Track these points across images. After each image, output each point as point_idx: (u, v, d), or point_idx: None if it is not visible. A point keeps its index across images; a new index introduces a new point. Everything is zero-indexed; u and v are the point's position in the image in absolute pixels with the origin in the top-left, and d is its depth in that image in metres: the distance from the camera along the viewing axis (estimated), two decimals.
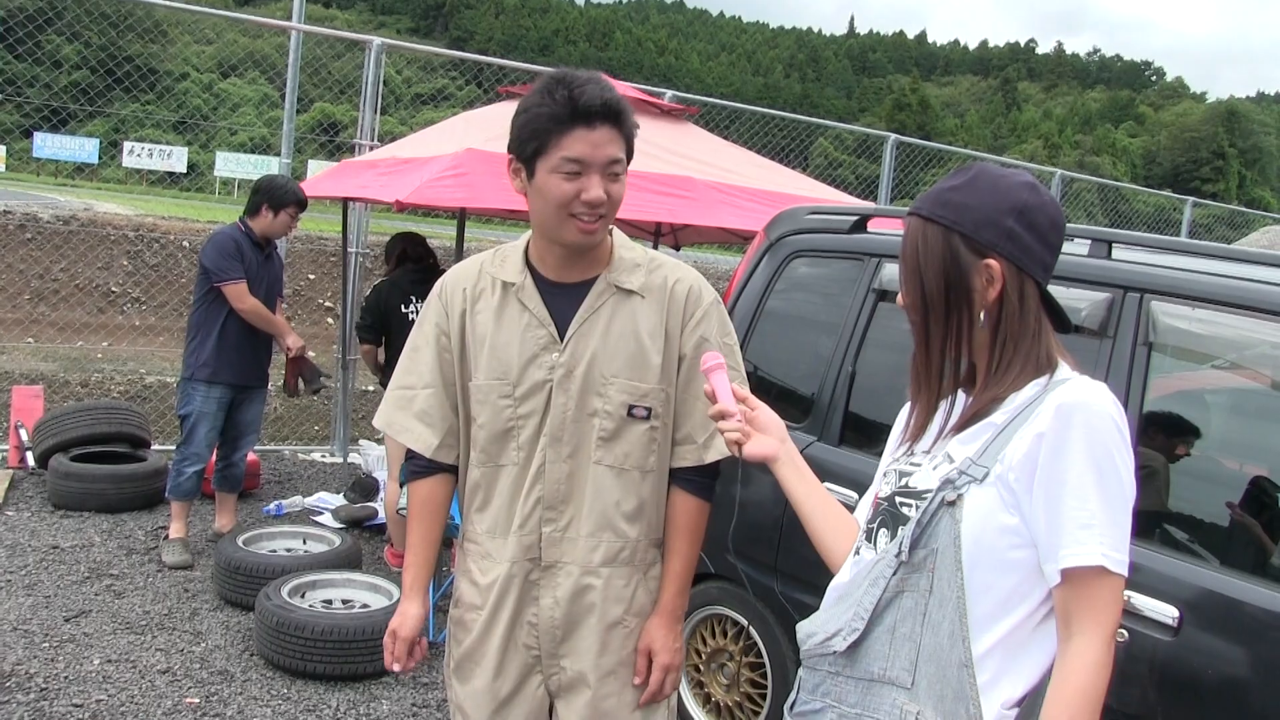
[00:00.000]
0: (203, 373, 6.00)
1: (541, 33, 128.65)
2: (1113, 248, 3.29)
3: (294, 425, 10.04)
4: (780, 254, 4.25)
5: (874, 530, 1.91)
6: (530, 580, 2.47)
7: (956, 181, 1.85)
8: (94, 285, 15.80)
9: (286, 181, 6.36)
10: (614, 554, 2.47)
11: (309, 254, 15.96)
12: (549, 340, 2.43)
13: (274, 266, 6.34)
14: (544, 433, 2.43)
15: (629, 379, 2.42)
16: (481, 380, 2.46)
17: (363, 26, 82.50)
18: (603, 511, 2.45)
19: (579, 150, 2.26)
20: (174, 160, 15.53)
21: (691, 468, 2.52)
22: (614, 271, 2.46)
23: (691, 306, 2.48)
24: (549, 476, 2.44)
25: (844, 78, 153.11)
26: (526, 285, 2.45)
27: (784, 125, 12.87)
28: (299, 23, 9.05)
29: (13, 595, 5.31)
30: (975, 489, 1.74)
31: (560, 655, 2.49)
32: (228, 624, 5.23)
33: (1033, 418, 1.73)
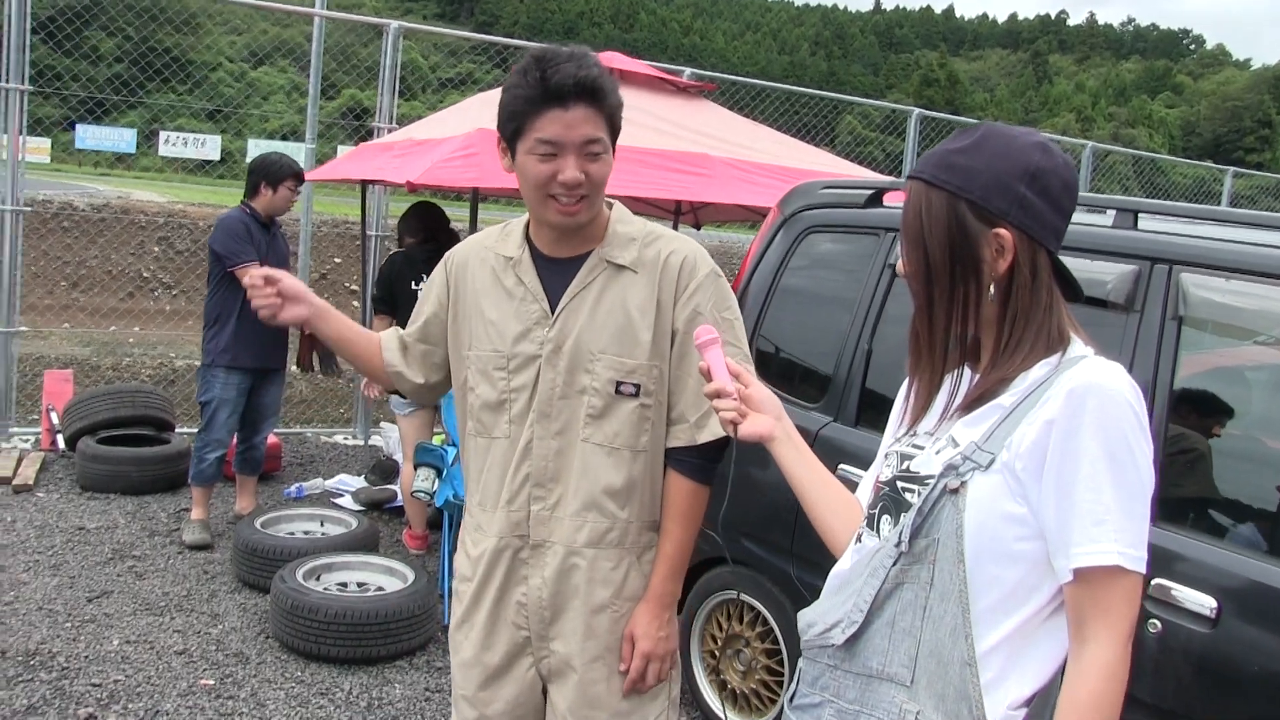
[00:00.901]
0: (222, 359, 6.01)
1: (566, 15, 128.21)
2: (1139, 217, 3.18)
3: (318, 407, 10.06)
4: (795, 230, 4.19)
5: (876, 516, 1.82)
6: (519, 558, 2.44)
7: (962, 143, 1.72)
8: (126, 271, 15.90)
9: (280, 157, 6.37)
10: (600, 534, 2.42)
11: (334, 237, 16.00)
12: (541, 315, 2.40)
13: (280, 246, 6.35)
14: (533, 408, 2.40)
15: (616, 355, 2.37)
16: (480, 351, 2.46)
17: (389, 13, 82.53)
18: (589, 490, 2.39)
19: (552, 131, 2.22)
20: (208, 148, 15.53)
21: (686, 448, 2.44)
22: (607, 246, 2.42)
23: (685, 279, 2.41)
24: (536, 453, 2.41)
25: (871, 54, 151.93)
26: (524, 260, 2.44)
27: (810, 103, 12.77)
28: (320, 8, 9.07)
29: (39, 575, 5.37)
30: (979, 476, 1.64)
31: (550, 638, 2.45)
32: (245, 606, 5.25)
33: (1042, 401, 1.62)
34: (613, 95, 2.30)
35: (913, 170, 1.77)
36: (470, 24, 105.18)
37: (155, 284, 16.00)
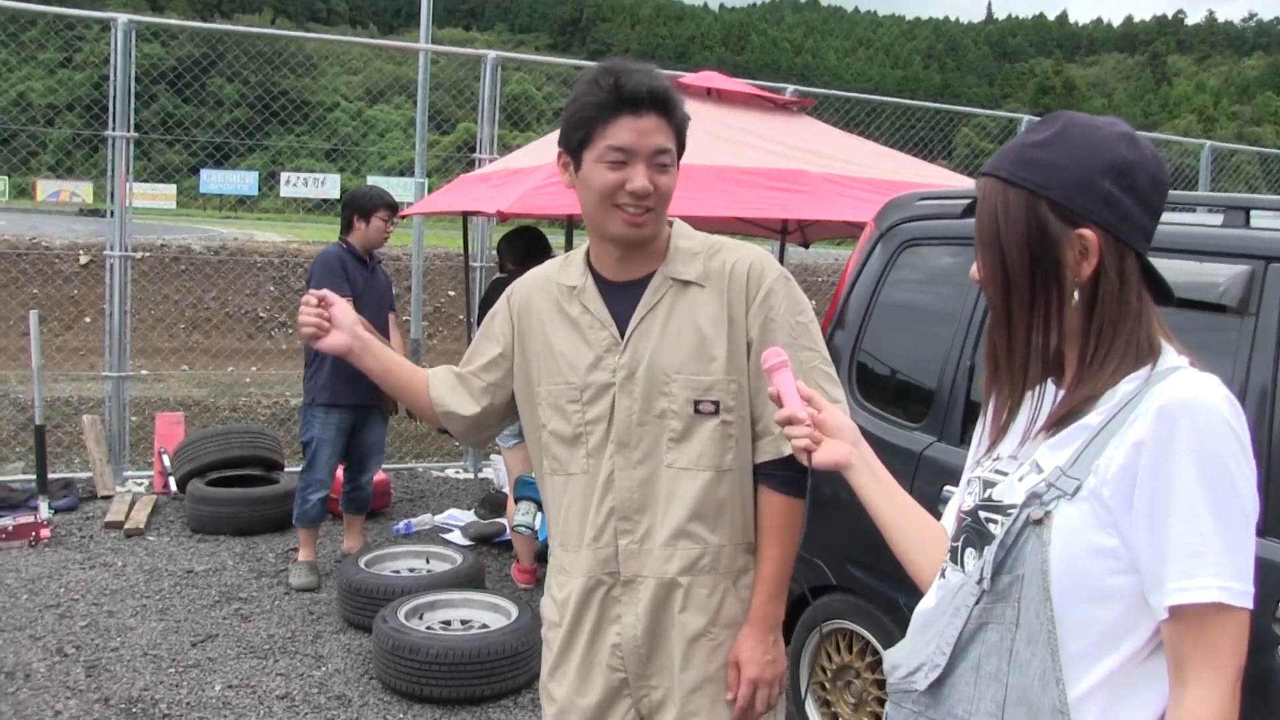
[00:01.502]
0: (321, 396, 6.00)
1: (677, 40, 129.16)
2: (1251, 214, 2.95)
3: (433, 441, 10.08)
4: (892, 243, 4.03)
5: (959, 549, 1.66)
6: (611, 596, 2.33)
7: (1041, 135, 1.56)
8: (243, 312, 16.25)
9: (371, 189, 6.37)
10: (692, 561, 2.30)
11: (448, 271, 16.14)
12: (611, 342, 2.31)
13: (380, 280, 6.32)
14: (610, 439, 2.31)
15: (693, 374, 2.27)
16: (551, 386, 2.38)
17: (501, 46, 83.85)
18: (677, 517, 2.29)
19: (624, 138, 2.17)
20: (327, 187, 15.98)
21: (774, 461, 2.31)
22: (670, 264, 2.33)
23: (754, 286, 2.31)
24: (619, 485, 2.30)
25: (985, 65, 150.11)
26: (587, 287, 2.36)
27: (924, 116, 12.56)
28: (425, 43, 9.17)
29: (146, 620, 5.38)
30: (1065, 505, 1.48)
31: (649, 675, 2.34)
32: (349, 647, 5.20)
33: (1131, 420, 1.45)
34: (681, 109, 2.25)
35: (986, 166, 1.61)
36: (582, 53, 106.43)
37: (272, 323, 16.33)
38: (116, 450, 7.90)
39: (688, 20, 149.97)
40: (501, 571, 6.35)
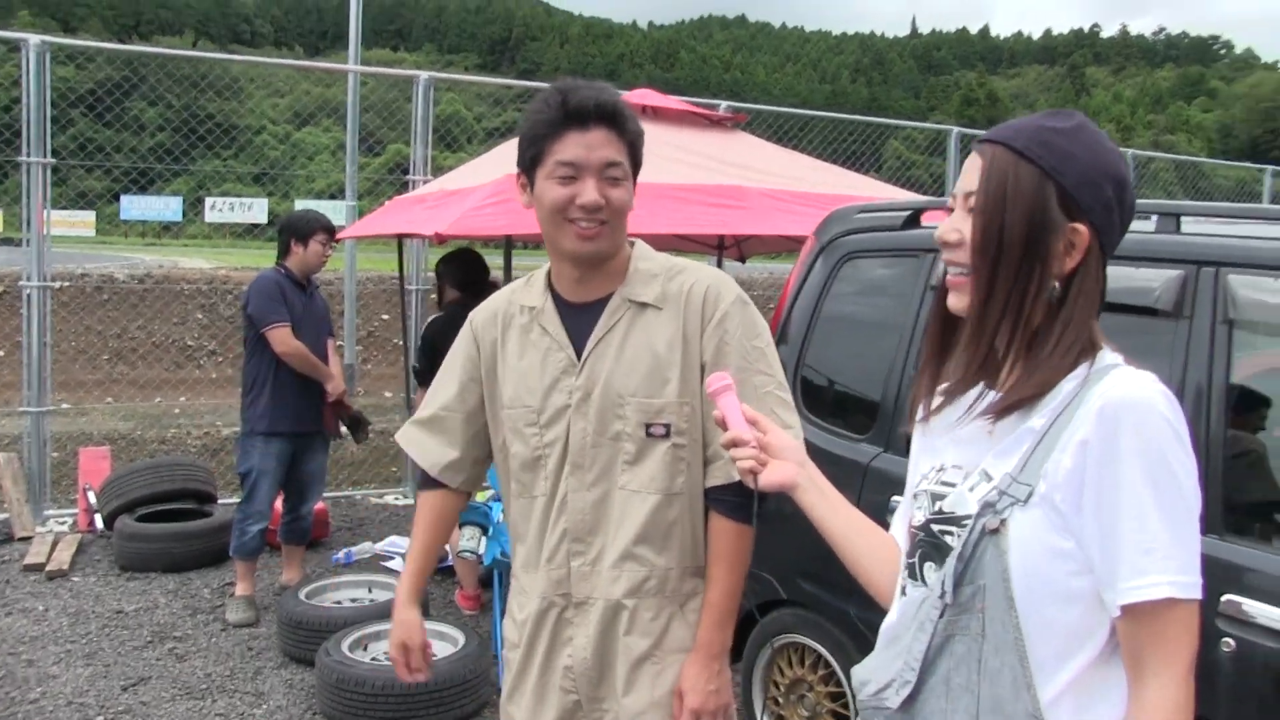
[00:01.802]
0: (260, 424, 5.86)
1: (607, 58, 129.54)
2: (1182, 220, 3.02)
3: (370, 467, 9.93)
4: (833, 256, 4.04)
5: (917, 565, 1.67)
6: (564, 619, 2.35)
7: (1059, 124, 1.58)
8: (170, 341, 15.98)
9: (307, 213, 6.28)
10: (638, 584, 2.30)
11: (382, 295, 16.00)
12: (568, 364, 2.32)
13: (318, 305, 6.21)
14: (567, 460, 2.31)
15: (646, 396, 2.28)
16: (511, 409, 2.38)
17: (430, 66, 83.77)
18: (624, 539, 2.29)
19: (572, 153, 2.18)
20: (255, 212, 15.70)
21: (725, 486, 2.31)
22: (629, 285, 2.33)
23: (709, 309, 2.30)
24: (572, 506, 2.32)
25: (910, 78, 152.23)
26: (547, 308, 2.37)
27: (854, 130, 12.67)
28: (355, 64, 9.06)
29: (71, 666, 5.18)
30: (1019, 512, 1.50)
31: (600, 698, 2.34)
32: (291, 682, 5.06)
33: (1074, 421, 1.48)
34: (632, 123, 2.26)
35: (997, 134, 1.60)
36: (512, 72, 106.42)
37: (201, 352, 16.07)
38: (36, 489, 7.62)
39: (617, 38, 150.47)
40: (445, 598, 6.24)
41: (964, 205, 1.60)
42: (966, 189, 1.60)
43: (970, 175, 1.60)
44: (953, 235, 1.60)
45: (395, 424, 10.55)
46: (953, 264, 1.62)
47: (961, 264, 1.60)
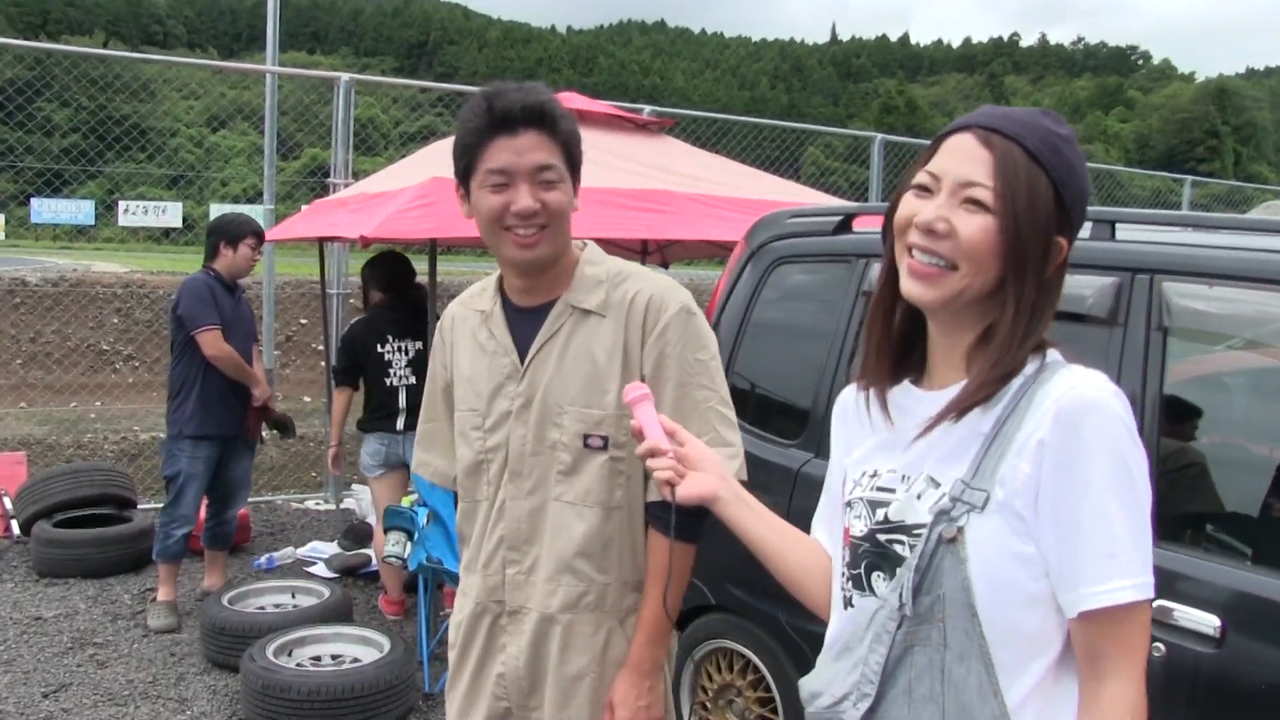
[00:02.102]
0: (189, 428, 5.79)
1: (525, 63, 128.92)
2: (1116, 228, 3.03)
3: (288, 473, 9.82)
4: (763, 262, 4.05)
5: (863, 575, 1.62)
6: (498, 626, 2.34)
7: (1062, 130, 1.53)
8: (86, 345, 15.65)
9: (237, 216, 6.23)
10: (575, 599, 2.28)
11: (300, 299, 15.81)
12: (512, 369, 2.30)
13: (245, 310, 6.17)
14: (504, 467, 2.30)
15: (584, 406, 2.24)
16: (459, 412, 2.38)
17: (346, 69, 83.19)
18: (562, 552, 2.26)
19: (501, 159, 2.14)
20: (169, 216, 15.47)
21: (663, 503, 2.25)
22: (574, 291, 2.29)
23: (652, 319, 2.26)
24: (510, 514, 2.30)
25: (830, 85, 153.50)
26: (495, 313, 2.35)
27: (773, 135, 12.76)
28: (273, 65, 8.96)
29: None
30: (975, 519, 1.47)
31: (530, 708, 2.34)
32: (214, 688, 5.00)
33: (1026, 422, 1.47)
34: (565, 122, 2.20)
35: (1002, 126, 1.51)
36: (429, 76, 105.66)
37: (116, 356, 15.75)
38: None
39: (535, 43, 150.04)
40: (369, 603, 6.21)
41: (956, 195, 1.50)
42: (963, 178, 1.50)
43: (968, 164, 1.51)
44: (941, 225, 1.50)
45: (315, 428, 10.46)
46: (929, 253, 1.52)
47: (942, 256, 1.51)
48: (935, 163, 1.54)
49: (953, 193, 1.50)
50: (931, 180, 1.53)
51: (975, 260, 1.48)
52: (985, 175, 1.48)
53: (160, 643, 5.54)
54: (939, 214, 1.50)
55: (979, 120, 1.53)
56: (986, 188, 1.47)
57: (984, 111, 1.56)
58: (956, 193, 1.50)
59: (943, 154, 1.54)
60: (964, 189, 1.49)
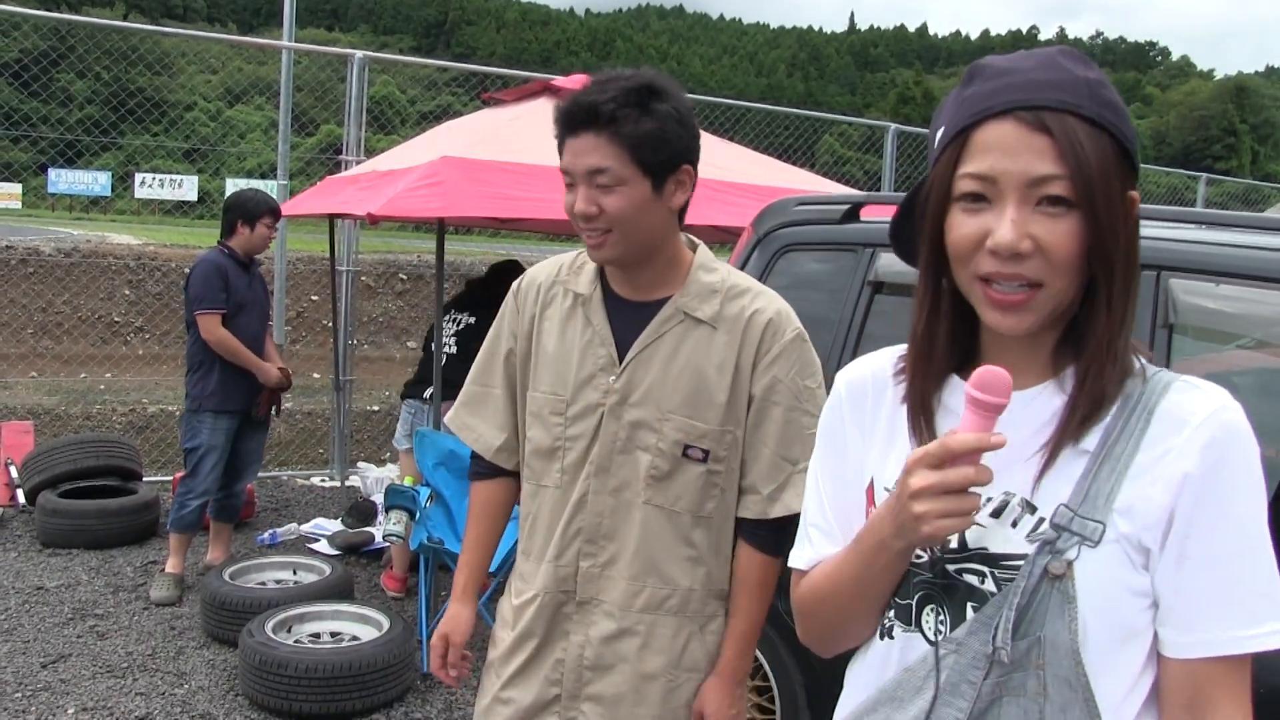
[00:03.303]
0: (210, 403, 5.84)
1: (543, 45, 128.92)
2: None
3: (294, 449, 9.83)
4: (770, 248, 4.02)
5: (914, 607, 1.40)
6: (563, 613, 2.29)
7: (1095, 73, 1.29)
8: (97, 316, 15.69)
9: (255, 194, 6.19)
10: (659, 601, 2.25)
11: (312, 275, 15.81)
12: (608, 361, 2.24)
13: (259, 286, 6.18)
14: (590, 459, 2.25)
15: (687, 417, 2.21)
16: (537, 393, 2.32)
17: (365, 47, 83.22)
18: (650, 555, 2.24)
19: (566, 160, 2.13)
20: (185, 189, 15.49)
21: (758, 521, 2.28)
22: (686, 295, 2.24)
23: (769, 342, 2.22)
24: (591, 508, 2.25)
25: (847, 74, 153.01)
26: (594, 299, 2.28)
27: (789, 124, 12.71)
28: (289, 41, 8.95)
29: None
30: (1088, 553, 1.26)
31: (582, 699, 2.29)
32: (213, 663, 5.01)
33: (1150, 442, 1.28)
34: (632, 123, 2.07)
35: (1047, 99, 1.26)
36: (447, 56, 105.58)
37: (127, 328, 15.79)
38: None
39: (554, 25, 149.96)
40: (370, 582, 6.21)
41: (1028, 199, 1.25)
42: (1030, 174, 1.25)
43: (1027, 157, 1.25)
44: (1026, 245, 1.25)
45: (323, 405, 10.49)
46: (1014, 279, 1.27)
47: (1027, 278, 1.26)
48: (977, 163, 1.28)
49: (1022, 197, 1.25)
50: (985, 186, 1.27)
51: (1067, 271, 1.26)
52: (1054, 165, 1.24)
53: (160, 616, 5.55)
54: (1020, 231, 1.24)
55: (1009, 98, 1.27)
56: (1061, 178, 1.24)
57: (1003, 83, 1.29)
58: (1027, 196, 1.25)
59: (983, 151, 1.28)
60: (1036, 188, 1.25)
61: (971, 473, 1.22)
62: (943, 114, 1.37)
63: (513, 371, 2.39)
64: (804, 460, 2.16)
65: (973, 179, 1.28)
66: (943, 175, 1.32)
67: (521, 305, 2.37)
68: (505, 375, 2.40)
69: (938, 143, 1.35)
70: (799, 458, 2.22)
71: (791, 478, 2.25)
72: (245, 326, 5.91)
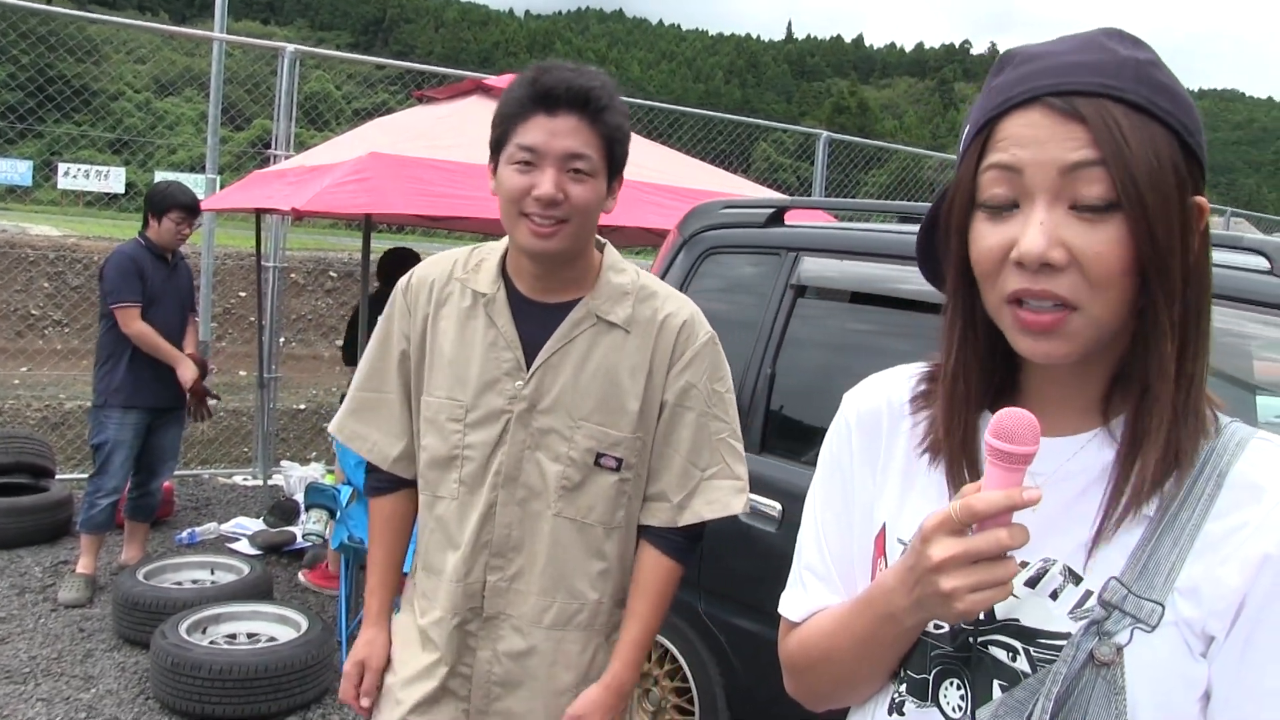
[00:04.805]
0: (116, 398, 5.70)
1: (482, 45, 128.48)
2: None
3: (220, 447, 9.67)
4: (695, 251, 4.03)
5: (931, 683, 1.21)
6: (468, 630, 2.19)
7: (1146, 53, 1.08)
8: (12, 309, 15.35)
9: (168, 186, 6.07)
10: (568, 616, 2.18)
11: (240, 271, 15.60)
12: (514, 365, 2.13)
13: (181, 279, 6.05)
14: (495, 469, 2.14)
15: (600, 424, 2.13)
16: (432, 398, 2.18)
17: (301, 41, 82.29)
18: (559, 569, 2.16)
19: (533, 137, 1.99)
20: (111, 181, 15.18)
21: (666, 526, 2.22)
22: (598, 297, 2.15)
23: (682, 345, 2.17)
24: (500, 519, 2.15)
25: (783, 82, 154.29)
26: (498, 299, 2.16)
27: (725, 129, 12.78)
28: (220, 33, 8.81)
29: None
30: (1143, 637, 1.06)
31: (491, 714, 2.20)
32: (124, 665, 4.88)
33: (1222, 512, 1.07)
34: (613, 115, 2.04)
35: (1081, 82, 1.05)
36: (385, 53, 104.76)
37: (45, 321, 15.47)
38: None
39: (493, 25, 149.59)
40: (291, 581, 6.11)
41: (1060, 199, 1.05)
42: (1064, 160, 1.04)
43: (1057, 151, 1.05)
44: (1058, 255, 1.04)
45: (248, 402, 10.30)
46: (1045, 296, 1.06)
47: (1059, 296, 1.06)
48: (1003, 154, 1.08)
49: (1054, 195, 1.05)
50: (1010, 182, 1.08)
51: (1110, 289, 1.05)
52: (1089, 151, 1.04)
53: (69, 618, 5.40)
54: (1051, 238, 1.04)
55: (1038, 84, 1.07)
56: (1099, 168, 1.03)
57: (1034, 69, 1.09)
58: (1060, 195, 1.05)
59: (1006, 145, 1.09)
60: (1070, 185, 1.04)
61: (1004, 536, 1.03)
62: (971, 111, 1.17)
63: (407, 375, 2.26)
64: (713, 466, 2.19)
65: (998, 172, 1.08)
66: (966, 176, 1.14)
67: (413, 304, 2.24)
68: (400, 379, 2.26)
69: (962, 142, 1.17)
70: (709, 464, 2.19)
71: (701, 485, 2.20)
72: (163, 320, 5.77)
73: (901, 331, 3.31)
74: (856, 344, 3.52)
